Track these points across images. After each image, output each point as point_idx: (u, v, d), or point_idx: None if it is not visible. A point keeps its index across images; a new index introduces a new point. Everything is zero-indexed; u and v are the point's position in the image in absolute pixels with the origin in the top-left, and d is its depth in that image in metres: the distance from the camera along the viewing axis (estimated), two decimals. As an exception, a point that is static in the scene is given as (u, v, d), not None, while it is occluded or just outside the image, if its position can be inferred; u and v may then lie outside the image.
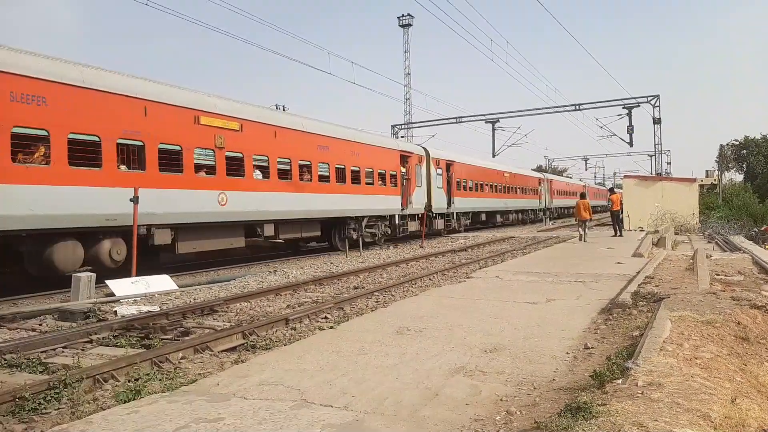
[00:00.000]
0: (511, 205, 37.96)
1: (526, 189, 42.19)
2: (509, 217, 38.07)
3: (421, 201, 24.43)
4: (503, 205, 36.27)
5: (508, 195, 37.55)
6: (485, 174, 33.63)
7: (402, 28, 52.99)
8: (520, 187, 40.47)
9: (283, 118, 16.70)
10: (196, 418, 3.72)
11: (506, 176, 37.15)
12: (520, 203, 40.58)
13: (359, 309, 8.46)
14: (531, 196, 43.36)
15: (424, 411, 3.79)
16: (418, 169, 24.48)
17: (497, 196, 35.38)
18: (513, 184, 38.66)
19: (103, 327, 7.16)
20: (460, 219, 29.15)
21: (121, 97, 11.35)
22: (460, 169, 29.54)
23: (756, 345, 5.70)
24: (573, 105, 40.19)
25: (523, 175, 42.25)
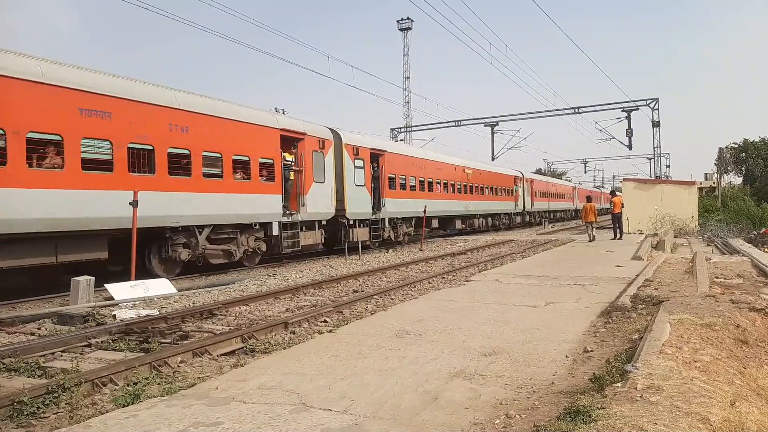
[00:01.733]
0: (475, 209, 30.77)
1: (498, 189, 35.13)
2: (474, 222, 31.15)
3: (324, 203, 17.30)
4: (464, 209, 29.04)
5: (472, 196, 30.37)
6: (436, 169, 26.30)
7: (401, 31, 53.14)
8: (489, 187, 33.46)
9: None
10: (195, 422, 3.71)
11: (468, 173, 29.91)
12: (491, 206, 33.55)
13: (358, 313, 8.45)
14: (505, 197, 36.39)
15: (424, 415, 3.79)
16: (319, 158, 17.17)
17: (455, 197, 28.21)
18: (479, 182, 31.60)
19: (101, 331, 7.15)
20: (397, 227, 22.44)
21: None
22: (395, 162, 22.18)
23: (755, 348, 5.70)
24: (572, 108, 40.32)
25: (492, 172, 34.92)
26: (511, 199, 37.78)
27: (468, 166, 30.62)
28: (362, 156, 19.74)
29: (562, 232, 32.10)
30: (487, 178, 33.62)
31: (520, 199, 39.44)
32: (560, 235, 27.35)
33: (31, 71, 9.83)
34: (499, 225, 35.57)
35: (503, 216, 36.41)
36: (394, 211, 21.91)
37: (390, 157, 22.01)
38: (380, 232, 20.89)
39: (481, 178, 32.27)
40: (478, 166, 32.86)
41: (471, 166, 31.26)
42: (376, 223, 20.60)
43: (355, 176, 19.14)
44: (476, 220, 31.59)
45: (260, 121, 15.09)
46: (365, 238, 19.72)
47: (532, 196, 42.08)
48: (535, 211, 43.58)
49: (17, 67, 9.67)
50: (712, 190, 55.59)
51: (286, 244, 15.67)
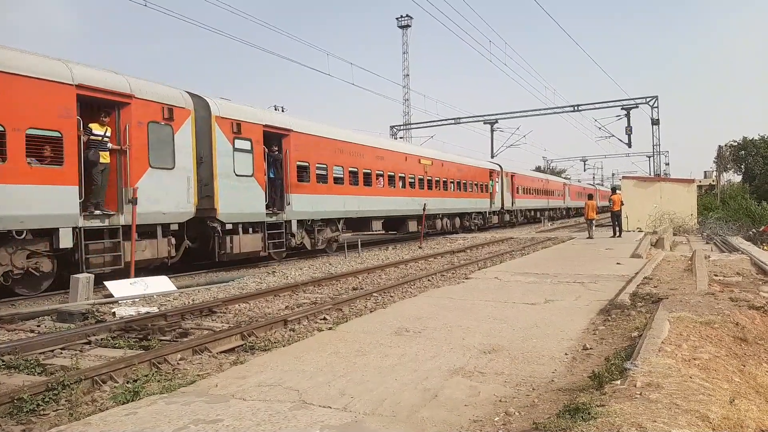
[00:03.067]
0: (436, 207, 25.55)
1: (468, 184, 29.85)
2: (436, 223, 26.21)
3: (173, 198, 12.01)
4: (419, 207, 23.49)
5: (431, 192, 25.30)
6: (376, 158, 20.79)
7: (401, 29, 53.11)
8: (456, 182, 28.30)
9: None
10: (194, 419, 3.72)
11: (425, 164, 24.86)
12: (458, 204, 28.38)
13: (358, 310, 8.45)
14: (477, 193, 31.06)
15: (423, 412, 3.79)
16: (162, 134, 11.82)
17: (407, 193, 23.12)
18: (441, 176, 26.50)
19: (101, 328, 7.15)
20: (315, 231, 17.06)
21: None
22: (309, 146, 16.66)
23: (754, 346, 5.71)
24: (572, 106, 40.36)
25: (459, 164, 29.44)
26: (484, 195, 32.23)
27: (426, 156, 25.68)
28: (248, 135, 14.04)
29: (561, 229, 32.11)
30: (453, 172, 28.18)
31: (498, 196, 34.03)
32: (559, 233, 27.38)
33: None
34: (470, 226, 30.48)
35: (475, 215, 31.18)
36: (307, 211, 16.41)
37: (299, 139, 16.13)
38: (289, 240, 15.68)
39: (443, 171, 26.96)
40: (440, 157, 27.65)
41: (429, 155, 26.27)
42: (278, 227, 15.29)
43: (235, 162, 13.55)
44: (438, 220, 26.39)
45: (31, 71, 9.39)
46: (256, 247, 14.35)
47: (513, 193, 36.98)
48: (517, 209, 38.30)
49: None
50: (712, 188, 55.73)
51: (99, 260, 10.47)
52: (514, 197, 37.32)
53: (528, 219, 41.84)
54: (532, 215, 42.69)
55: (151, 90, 11.75)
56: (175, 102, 12.22)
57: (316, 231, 17.14)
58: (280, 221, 15.35)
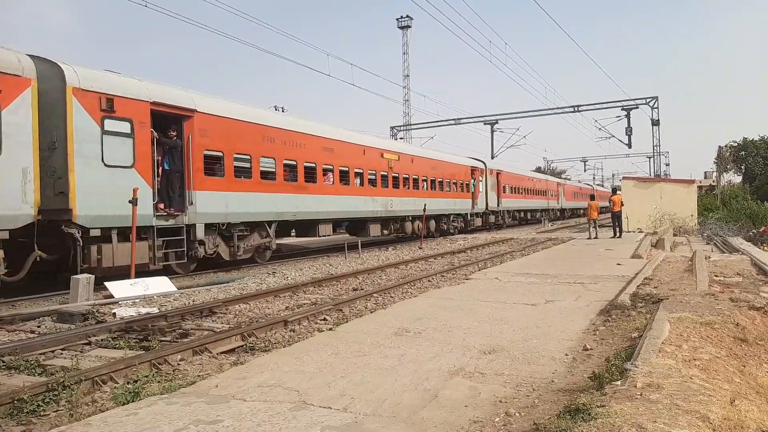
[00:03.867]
0: (403, 208, 22.35)
1: (445, 183, 26.74)
2: (405, 227, 22.79)
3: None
4: (382, 208, 20.66)
5: (397, 191, 22.02)
6: (323, 150, 17.31)
7: (401, 29, 53.09)
8: (430, 180, 25.17)
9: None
10: (195, 420, 3.72)
11: (390, 159, 21.61)
12: (432, 204, 24.45)
13: (358, 311, 8.45)
14: (455, 193, 27.86)
15: (423, 413, 3.79)
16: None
17: (365, 191, 19.83)
18: (409, 173, 23.18)
19: (101, 329, 7.15)
20: (234, 238, 13.72)
21: None
22: (223, 131, 13.27)
23: (755, 346, 5.71)
24: (572, 107, 40.41)
25: (433, 159, 26.18)
26: (465, 195, 28.78)
27: (390, 150, 22.15)
28: (127, 114, 10.93)
29: (561, 230, 32.11)
30: (426, 168, 24.88)
31: (481, 196, 30.90)
32: (560, 234, 27.38)
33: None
34: (448, 229, 27.19)
35: (454, 217, 27.93)
36: (220, 212, 13.10)
37: (209, 122, 12.79)
38: (195, 248, 12.44)
39: (414, 168, 23.62)
40: (410, 151, 24.63)
41: (395, 149, 22.89)
42: (177, 233, 11.99)
43: (104, 149, 10.48)
44: (408, 223, 22.94)
45: None
46: (140, 259, 10.96)
47: (499, 192, 33.72)
48: (504, 210, 34.88)
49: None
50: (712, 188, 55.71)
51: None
52: (501, 197, 34.04)
53: (520, 221, 39.51)
54: (522, 217, 39.81)
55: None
56: (2, 67, 9.05)
57: (236, 237, 13.64)
58: (179, 225, 11.94)
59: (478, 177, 30.73)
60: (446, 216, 27.05)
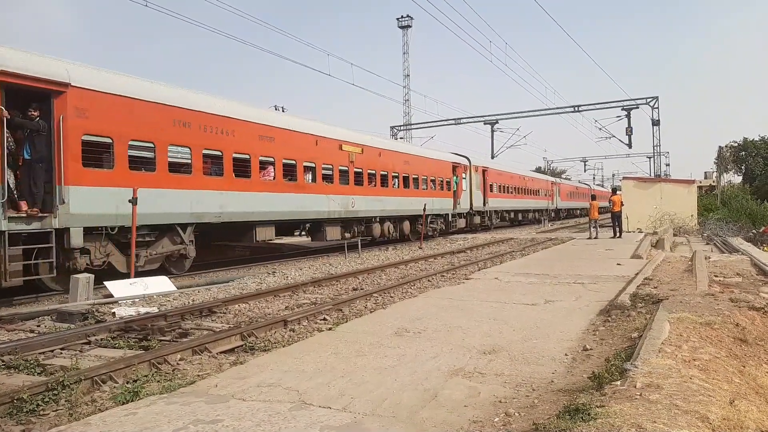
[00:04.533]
0: (368, 208, 19.78)
1: (421, 180, 23.83)
2: (372, 229, 20.13)
3: None
4: (337, 207, 18.03)
5: (361, 189, 19.39)
6: (257, 138, 14.52)
7: (401, 29, 53.06)
8: (404, 176, 22.42)
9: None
10: (194, 419, 3.72)
11: (351, 152, 18.87)
12: (404, 204, 22.20)
13: (358, 310, 8.45)
14: (435, 192, 24.93)
15: (423, 413, 3.79)
16: None
17: (317, 189, 16.99)
18: (377, 168, 20.42)
19: (101, 328, 7.15)
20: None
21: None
22: (115, 111, 10.80)
23: (754, 346, 5.71)
24: (572, 106, 40.38)
25: (408, 154, 23.39)
26: (446, 194, 26.01)
27: (351, 141, 19.10)
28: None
29: (561, 230, 32.11)
30: (397, 163, 21.90)
31: (465, 195, 28.22)
32: (560, 234, 27.38)
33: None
34: (426, 231, 23.90)
35: (432, 218, 24.91)
36: (108, 214, 10.56)
37: (90, 99, 10.35)
38: (72, 259, 10.02)
39: (381, 163, 20.73)
40: (377, 144, 21.05)
41: (358, 140, 19.62)
42: (43, 239, 9.42)
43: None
44: (375, 224, 20.23)
45: None
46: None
47: (485, 191, 31.16)
48: (491, 210, 32.33)
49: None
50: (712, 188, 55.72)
51: None
52: (487, 196, 31.45)
53: (512, 222, 37.73)
54: (511, 217, 37.46)
55: None
56: None
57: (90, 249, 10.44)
58: (46, 229, 9.43)
59: (461, 174, 27.89)
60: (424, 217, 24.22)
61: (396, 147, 23.21)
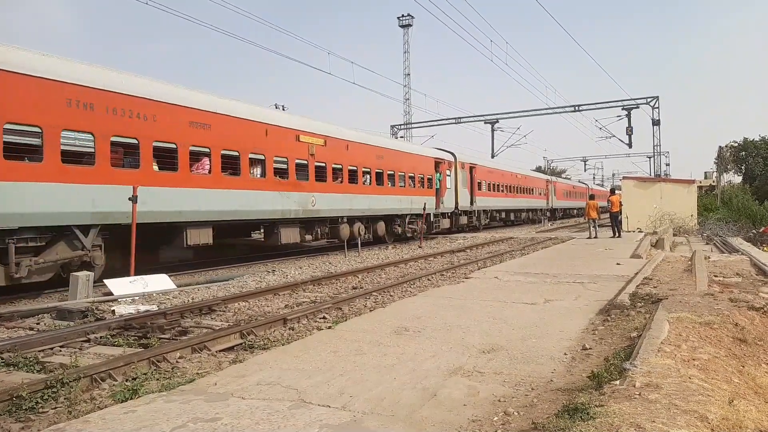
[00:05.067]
0: (337, 206, 18.06)
1: (399, 177, 22.01)
2: (339, 230, 18.20)
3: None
4: (294, 206, 16.00)
5: (325, 185, 17.44)
6: (186, 125, 12.55)
7: (402, 28, 53.03)
8: (377, 172, 20.63)
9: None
10: (193, 417, 3.71)
11: (310, 144, 16.78)
12: (380, 203, 20.60)
13: (357, 309, 8.45)
14: (415, 190, 23.15)
15: (422, 411, 3.79)
16: None
17: (267, 185, 14.99)
18: (344, 162, 18.53)
19: (100, 326, 7.15)
20: (8, 253, 9.11)
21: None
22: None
23: (754, 346, 5.71)
24: (572, 106, 40.34)
25: (382, 147, 21.37)
26: (427, 192, 24.16)
27: (311, 131, 16.96)
28: None
29: (561, 230, 32.11)
30: (369, 158, 20.00)
31: (449, 194, 26.40)
32: (560, 233, 27.38)
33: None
34: (405, 232, 22.46)
35: (412, 218, 22.97)
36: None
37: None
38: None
39: (348, 156, 18.75)
40: (343, 135, 18.87)
41: (320, 131, 17.46)
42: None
43: None
44: (342, 226, 18.29)
45: None
46: None
47: (473, 189, 29.45)
48: (479, 210, 30.59)
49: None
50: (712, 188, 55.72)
51: None
52: (475, 195, 29.65)
53: (505, 222, 36.13)
54: (503, 217, 35.70)
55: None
56: None
57: (12, 251, 9.12)
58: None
59: (445, 171, 25.92)
60: (401, 216, 22.29)
61: (367, 140, 20.48)
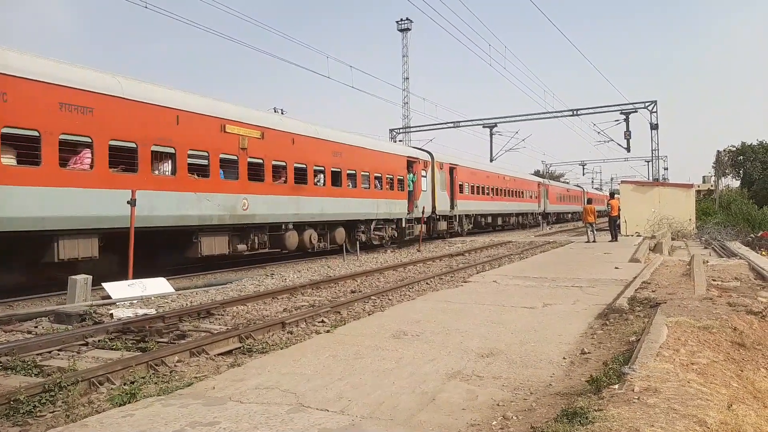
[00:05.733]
0: (281, 211, 15.70)
1: (361, 177, 19.54)
2: (286, 239, 15.95)
3: None
4: (225, 211, 13.80)
5: (262, 186, 14.98)
6: (70, 110, 10.20)
7: (401, 32, 53.12)
8: (333, 170, 18.01)
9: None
10: (191, 421, 3.71)
11: (243, 136, 14.34)
12: (339, 206, 18.22)
13: (356, 313, 8.44)
14: (381, 192, 20.71)
15: (421, 416, 3.79)
16: None
17: (188, 185, 12.81)
18: (290, 159, 16.03)
19: (98, 330, 7.13)
20: None
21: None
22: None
23: (752, 351, 5.71)
24: (571, 110, 40.41)
25: (340, 143, 18.56)
26: (398, 195, 21.88)
27: (242, 121, 14.33)
28: None
29: (559, 233, 32.13)
30: (320, 154, 17.25)
31: (426, 196, 24.08)
32: (558, 237, 27.41)
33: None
34: (371, 240, 20.14)
35: (379, 224, 20.65)
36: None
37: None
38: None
39: (294, 152, 16.04)
40: (288, 127, 16.16)
41: (255, 121, 14.84)
42: None
43: None
44: (288, 234, 15.82)
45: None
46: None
47: (453, 192, 27.10)
48: (461, 215, 28.30)
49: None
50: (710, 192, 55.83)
51: None
52: (456, 198, 27.30)
53: (493, 227, 33.81)
54: (488, 222, 33.21)
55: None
56: None
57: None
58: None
59: (419, 171, 23.64)
60: (365, 222, 19.80)
61: (319, 133, 17.51)
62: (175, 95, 12.92)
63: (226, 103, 14.47)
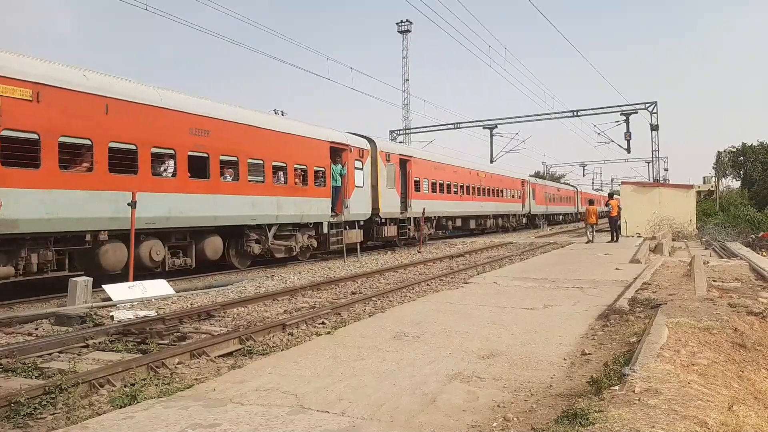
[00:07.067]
0: (150, 213, 11.40)
1: (262, 168, 14.70)
2: (144, 254, 11.48)
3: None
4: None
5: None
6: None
7: (401, 34, 53.16)
8: (220, 158, 13.27)
9: None
10: (192, 423, 3.70)
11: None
12: (213, 205, 13.07)
13: (357, 314, 8.44)
14: (290, 188, 15.64)
15: (421, 417, 3.78)
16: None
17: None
18: (139, 141, 11.27)
19: (99, 332, 7.14)
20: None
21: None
22: None
23: (753, 352, 5.71)
24: (571, 111, 40.41)
25: (224, 120, 13.38)
26: (313, 192, 16.75)
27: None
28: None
29: (560, 235, 32.12)
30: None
31: (359, 194, 19.15)
32: (558, 238, 27.40)
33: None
34: (265, 252, 15.13)
35: (289, 230, 16.07)
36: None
37: None
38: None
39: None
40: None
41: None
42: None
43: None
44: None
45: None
46: None
47: (407, 190, 22.73)
48: (416, 217, 22.82)
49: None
50: (710, 193, 55.87)
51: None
52: (411, 197, 22.66)
53: (472, 232, 29.87)
54: (457, 225, 28.31)
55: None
56: None
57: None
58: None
59: (351, 162, 18.66)
60: (257, 228, 14.77)
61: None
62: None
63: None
